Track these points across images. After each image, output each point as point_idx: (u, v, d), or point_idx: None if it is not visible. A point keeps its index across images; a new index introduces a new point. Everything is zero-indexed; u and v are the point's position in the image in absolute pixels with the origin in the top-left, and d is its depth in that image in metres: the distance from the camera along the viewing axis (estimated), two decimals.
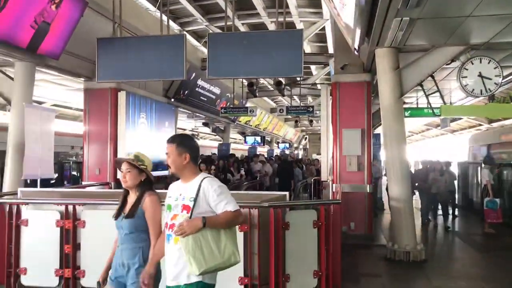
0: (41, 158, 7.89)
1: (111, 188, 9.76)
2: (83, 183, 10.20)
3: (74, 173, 15.30)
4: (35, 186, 8.04)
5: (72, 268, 5.56)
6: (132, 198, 3.60)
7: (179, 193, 3.20)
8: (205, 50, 14.34)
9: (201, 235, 2.95)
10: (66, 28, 8.09)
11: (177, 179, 3.36)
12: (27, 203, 5.87)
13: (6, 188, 7.83)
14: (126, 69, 8.28)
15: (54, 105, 15.96)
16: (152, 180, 3.65)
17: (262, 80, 18.36)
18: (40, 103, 14.43)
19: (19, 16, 7.12)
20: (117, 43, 8.41)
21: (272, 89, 19.23)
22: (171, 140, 3.24)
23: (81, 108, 14.55)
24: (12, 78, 8.45)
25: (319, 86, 18.00)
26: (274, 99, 25.41)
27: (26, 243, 5.76)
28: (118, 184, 9.93)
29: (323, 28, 13.61)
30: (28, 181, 8.40)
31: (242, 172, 14.85)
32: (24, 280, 5.69)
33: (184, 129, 26.02)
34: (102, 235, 5.60)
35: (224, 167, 13.14)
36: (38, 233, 5.73)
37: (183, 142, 3.23)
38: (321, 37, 14.99)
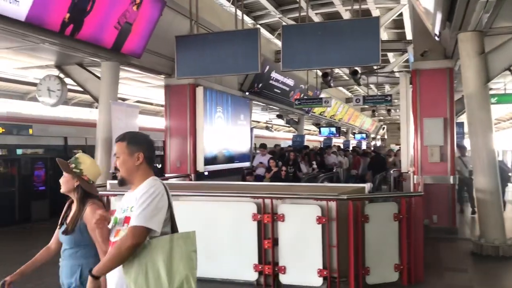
0: None
1: (191, 180, 10.12)
2: (166, 175, 10.63)
3: (156, 165, 15.99)
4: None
5: None
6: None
7: (127, 203, 2.61)
8: (278, 43, 14.36)
9: (150, 255, 2.38)
10: (146, 28, 8.46)
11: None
12: (116, 195, 6.24)
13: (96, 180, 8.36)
14: (203, 65, 8.49)
15: (137, 101, 16.79)
16: (84, 187, 3.08)
17: (336, 70, 18.09)
18: (124, 100, 15.25)
19: (104, 18, 7.55)
20: (194, 40, 8.64)
21: (347, 78, 18.87)
22: (121, 137, 2.67)
23: (161, 103, 15.22)
24: (98, 77, 9.00)
25: (397, 74, 17.43)
26: (349, 88, 24.94)
27: None
28: (198, 176, 10.29)
29: (401, 14, 13.10)
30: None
31: (314, 165, 13.92)
32: None
33: (259, 122, 26.32)
34: (185, 225, 5.86)
35: (295, 160, 12.18)
36: None
37: (136, 139, 2.67)
38: (398, 23, 14.45)
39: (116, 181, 6.99)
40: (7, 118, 11.42)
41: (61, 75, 9.29)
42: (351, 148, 23.44)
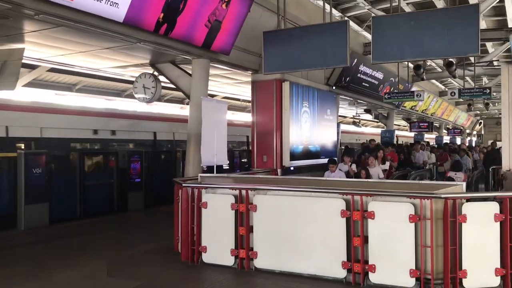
0: (217, 147, 8.54)
1: (277, 174, 10.17)
2: (252, 169, 10.79)
3: (242, 160, 16.28)
4: (212, 172, 8.75)
5: (246, 249, 5.95)
6: None
7: None
8: (367, 35, 13.97)
9: None
10: (235, 25, 8.63)
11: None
12: (207, 187, 6.43)
13: (189, 173, 8.69)
14: (290, 60, 8.48)
15: (224, 97, 17.20)
16: None
17: (429, 62, 17.24)
18: (212, 96, 15.69)
19: (195, 16, 7.82)
20: (282, 35, 8.65)
21: (440, 71, 17.91)
22: None
23: (247, 99, 15.48)
24: (190, 74, 9.33)
25: (496, 64, 16.20)
26: (443, 81, 23.68)
27: (206, 224, 6.32)
28: (284, 171, 10.32)
29: (502, 0, 12.14)
30: (204, 168, 9.17)
31: (386, 166, 10.77)
32: (205, 257, 6.25)
33: (345, 117, 25.84)
34: (272, 219, 5.91)
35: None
36: (215, 215, 6.24)
37: None
38: (498, 10, 13.40)
39: (206, 175, 7.21)
40: (106, 114, 12.26)
41: (155, 73, 9.76)
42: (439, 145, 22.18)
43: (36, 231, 8.66)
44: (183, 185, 6.59)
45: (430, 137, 29.64)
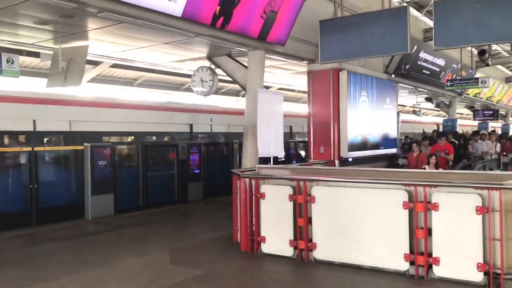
0: (273, 138, 8.55)
1: (334, 166, 10.05)
2: (309, 161, 10.71)
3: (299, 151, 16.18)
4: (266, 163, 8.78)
5: (305, 240, 5.93)
6: None
7: None
8: (427, 20, 13.46)
9: None
10: (291, 15, 8.56)
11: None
12: (264, 178, 6.46)
13: (247, 164, 8.77)
14: (348, 49, 8.34)
15: (279, 88, 17.17)
16: None
17: (494, 46, 16.38)
18: (267, 87, 15.70)
19: (251, 8, 7.83)
20: (338, 23, 8.53)
21: (507, 55, 16.96)
22: None
23: (303, 90, 15.34)
24: (246, 67, 9.37)
25: None
26: (509, 66, 22.44)
27: (264, 215, 6.35)
28: (341, 163, 10.18)
29: None
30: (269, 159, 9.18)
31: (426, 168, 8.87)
32: (264, 248, 6.30)
33: (405, 105, 25.08)
34: (331, 210, 5.85)
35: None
36: (274, 206, 6.26)
37: None
38: None
39: (263, 166, 7.22)
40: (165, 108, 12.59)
41: (212, 66, 9.89)
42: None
43: (102, 220, 9.09)
44: (241, 176, 6.65)
45: (495, 126, 28.17)
